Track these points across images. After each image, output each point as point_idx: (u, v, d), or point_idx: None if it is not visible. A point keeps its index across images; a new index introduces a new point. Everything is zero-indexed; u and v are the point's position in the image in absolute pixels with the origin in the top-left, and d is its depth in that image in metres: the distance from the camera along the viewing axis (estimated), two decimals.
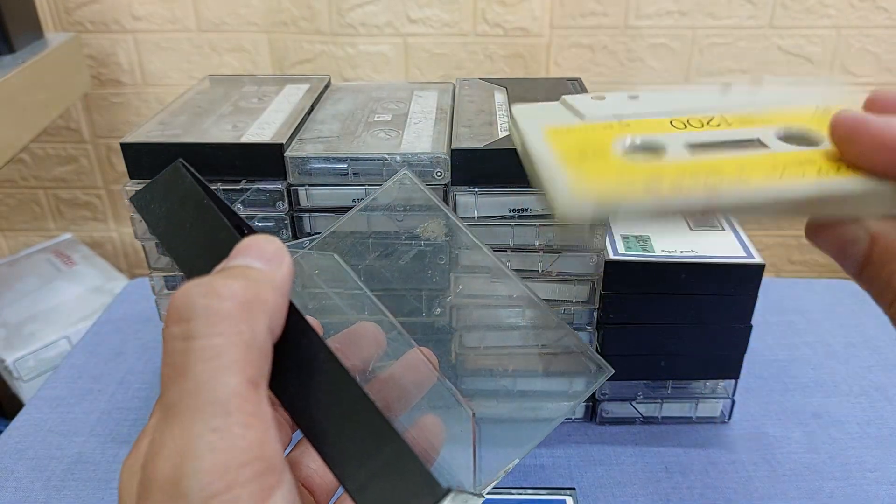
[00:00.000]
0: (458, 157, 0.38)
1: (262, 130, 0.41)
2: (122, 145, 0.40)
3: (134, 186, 0.40)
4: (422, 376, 0.28)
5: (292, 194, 0.40)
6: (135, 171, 0.40)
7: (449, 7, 0.81)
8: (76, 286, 0.85)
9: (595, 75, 0.87)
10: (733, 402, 0.47)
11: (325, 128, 0.43)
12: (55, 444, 0.46)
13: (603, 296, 0.42)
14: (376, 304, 0.30)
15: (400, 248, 0.39)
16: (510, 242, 0.40)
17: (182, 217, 0.23)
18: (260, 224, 0.41)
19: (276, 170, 0.39)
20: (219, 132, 0.41)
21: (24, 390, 0.77)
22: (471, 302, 0.42)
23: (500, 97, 0.47)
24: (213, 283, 0.19)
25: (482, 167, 0.38)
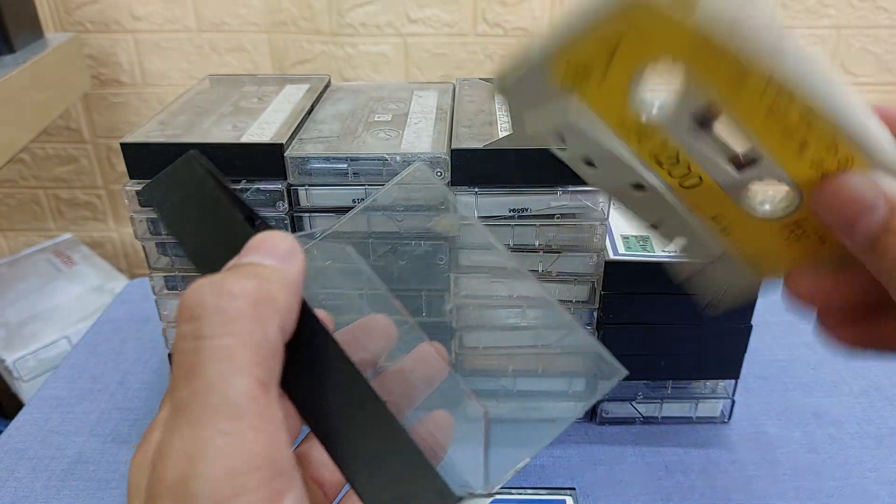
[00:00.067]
0: (458, 157, 0.38)
1: (262, 130, 0.41)
2: (122, 145, 0.40)
3: (134, 186, 0.40)
4: (432, 371, 0.27)
5: (292, 194, 0.40)
6: (135, 171, 0.40)
7: (449, 7, 0.81)
8: (76, 286, 0.85)
9: None
10: (733, 402, 0.47)
11: (325, 128, 0.43)
12: (55, 444, 0.46)
13: (603, 296, 0.42)
14: (388, 297, 0.29)
15: (400, 249, 0.39)
16: (510, 242, 0.40)
17: (194, 209, 0.22)
18: None
19: (276, 170, 0.39)
20: (219, 132, 0.41)
21: (24, 390, 0.76)
22: (471, 302, 0.42)
23: (500, 97, 0.47)
24: (224, 281, 0.19)
25: (482, 167, 0.38)
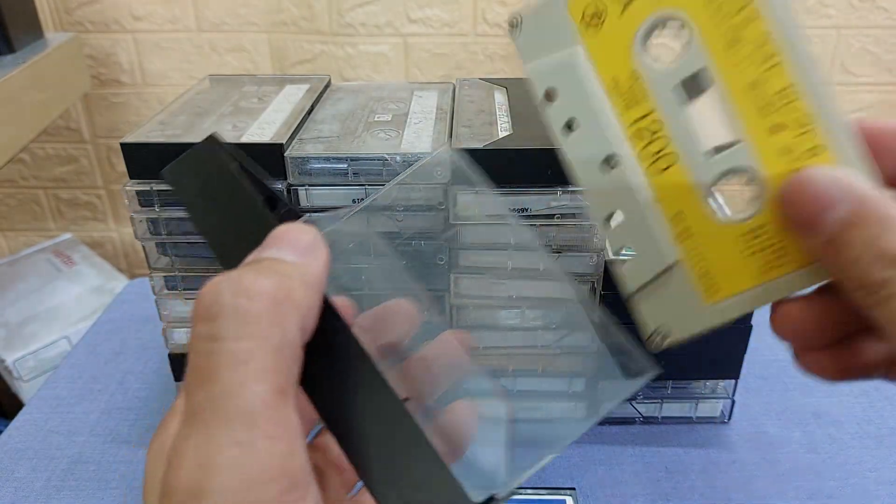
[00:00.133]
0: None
1: (262, 130, 0.41)
2: (122, 145, 0.40)
3: (134, 186, 0.40)
4: (455, 360, 0.27)
5: (292, 194, 0.40)
6: (135, 171, 0.40)
7: (449, 7, 0.81)
8: (76, 286, 0.85)
9: None
10: (733, 402, 0.47)
11: (325, 128, 0.43)
12: (55, 444, 0.46)
13: (603, 296, 0.42)
14: (412, 281, 0.28)
15: (400, 248, 0.39)
16: (510, 242, 0.40)
17: (215, 196, 0.21)
18: None
19: (276, 170, 0.39)
20: (219, 132, 0.41)
21: (24, 390, 0.76)
22: (471, 302, 0.42)
23: (500, 97, 0.47)
24: (242, 279, 0.18)
25: (482, 167, 0.38)
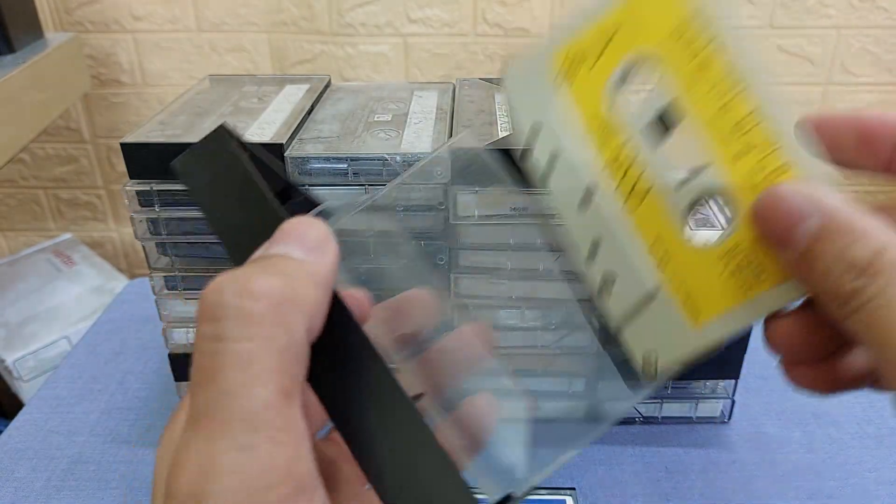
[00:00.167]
0: None
1: (262, 130, 0.41)
2: (122, 145, 0.40)
3: (134, 186, 0.40)
4: (475, 353, 0.26)
5: None
6: (135, 172, 0.40)
7: (449, 7, 0.81)
8: (76, 286, 0.85)
9: None
10: (733, 402, 0.47)
11: (325, 128, 0.43)
12: (55, 444, 0.46)
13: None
14: (430, 271, 0.28)
15: (400, 248, 0.39)
16: (510, 241, 0.40)
17: (224, 188, 0.21)
18: None
19: None
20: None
21: (24, 390, 0.76)
22: (471, 302, 0.42)
23: (500, 97, 0.47)
24: (247, 279, 0.17)
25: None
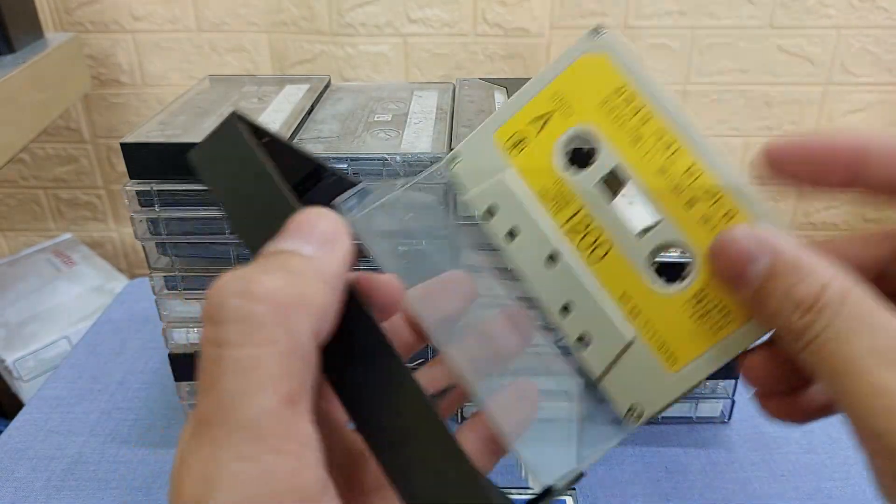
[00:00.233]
0: None
1: None
2: (122, 145, 0.40)
3: (134, 186, 0.40)
4: (518, 335, 0.25)
5: None
6: (135, 172, 0.40)
7: (449, 7, 0.81)
8: (76, 286, 0.85)
9: None
10: (733, 402, 0.47)
11: (325, 128, 0.43)
12: (55, 444, 0.47)
13: None
14: (470, 252, 0.27)
15: (400, 248, 0.39)
16: None
17: (239, 179, 0.20)
18: None
19: None
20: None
21: (24, 390, 0.76)
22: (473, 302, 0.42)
23: (500, 97, 0.47)
24: (249, 280, 0.17)
25: None
